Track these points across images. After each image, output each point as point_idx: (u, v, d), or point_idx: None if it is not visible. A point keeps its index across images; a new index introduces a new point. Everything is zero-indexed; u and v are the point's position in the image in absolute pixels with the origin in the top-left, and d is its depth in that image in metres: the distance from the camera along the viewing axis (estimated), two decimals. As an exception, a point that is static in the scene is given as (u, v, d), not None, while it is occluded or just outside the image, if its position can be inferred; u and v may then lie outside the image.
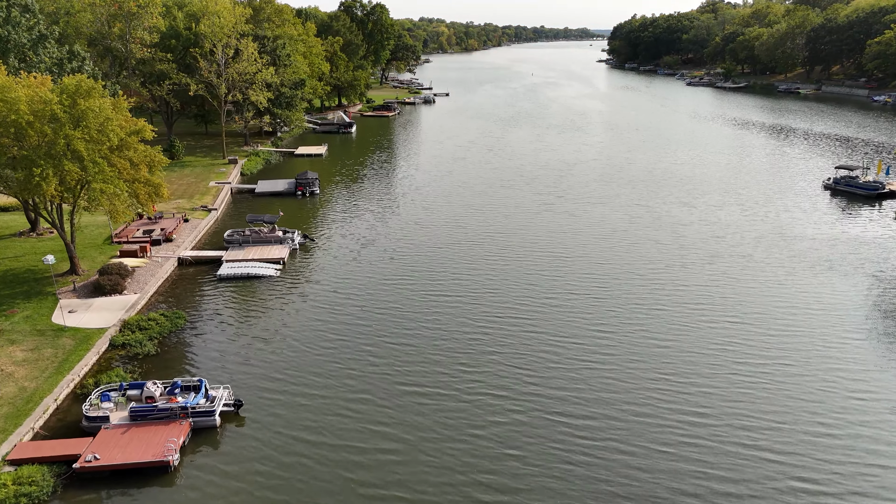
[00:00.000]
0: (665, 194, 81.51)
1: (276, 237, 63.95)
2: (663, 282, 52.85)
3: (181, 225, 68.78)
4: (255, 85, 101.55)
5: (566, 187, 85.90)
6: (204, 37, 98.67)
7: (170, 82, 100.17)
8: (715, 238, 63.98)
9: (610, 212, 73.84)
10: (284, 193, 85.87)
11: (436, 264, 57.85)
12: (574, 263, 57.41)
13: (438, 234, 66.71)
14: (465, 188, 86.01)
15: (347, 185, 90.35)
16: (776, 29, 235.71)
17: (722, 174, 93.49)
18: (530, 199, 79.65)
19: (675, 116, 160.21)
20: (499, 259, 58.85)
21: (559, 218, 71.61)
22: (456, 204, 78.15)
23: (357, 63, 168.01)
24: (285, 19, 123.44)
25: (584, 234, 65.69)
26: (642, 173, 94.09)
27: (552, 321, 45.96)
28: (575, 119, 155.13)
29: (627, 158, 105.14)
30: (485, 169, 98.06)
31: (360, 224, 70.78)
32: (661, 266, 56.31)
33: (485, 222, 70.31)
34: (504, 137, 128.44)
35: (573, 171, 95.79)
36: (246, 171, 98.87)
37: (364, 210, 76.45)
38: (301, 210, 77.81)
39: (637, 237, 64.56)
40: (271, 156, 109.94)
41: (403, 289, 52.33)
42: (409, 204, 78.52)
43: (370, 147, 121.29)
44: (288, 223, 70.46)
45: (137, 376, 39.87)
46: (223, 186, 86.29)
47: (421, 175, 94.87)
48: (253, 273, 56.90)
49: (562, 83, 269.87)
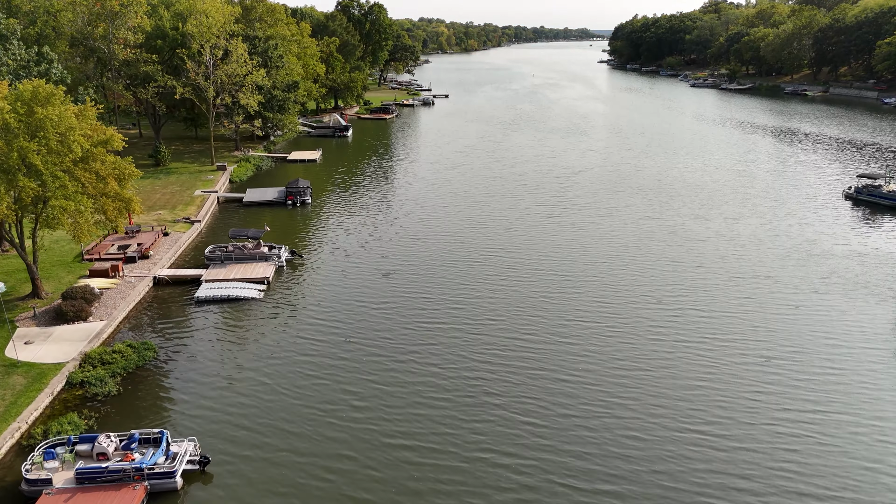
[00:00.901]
0: (678, 205, 76.71)
1: (261, 254, 59.14)
2: (684, 308, 48.02)
3: (160, 239, 63.94)
4: (246, 87, 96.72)
5: (572, 197, 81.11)
6: (191, 37, 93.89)
7: (155, 85, 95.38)
8: (735, 256, 59.17)
9: (620, 225, 69.04)
10: (274, 203, 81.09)
11: (433, 286, 53.03)
12: (584, 286, 52.57)
13: (436, 250, 61.90)
14: (465, 198, 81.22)
15: (341, 193, 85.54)
16: (782, 29, 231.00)
17: (735, 182, 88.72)
18: (534, 211, 74.86)
19: (681, 120, 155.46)
20: (501, 281, 54.03)
21: (566, 232, 66.82)
22: (455, 216, 73.35)
23: (354, 64, 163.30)
24: (278, 19, 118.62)
25: (593, 251, 60.87)
26: (651, 181, 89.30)
27: (563, 357, 41.14)
28: (578, 122, 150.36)
29: (635, 165, 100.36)
30: (485, 177, 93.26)
31: (353, 238, 65.99)
32: (681, 290, 51.45)
33: (486, 237, 65.52)
34: (505, 142, 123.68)
35: (578, 179, 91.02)
36: (235, 178, 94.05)
37: (357, 222, 71.65)
38: (291, 221, 73.03)
39: (651, 255, 59.75)
40: (263, 161, 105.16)
41: (396, 315, 47.52)
42: (405, 215, 73.73)
43: (366, 152, 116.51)
44: (276, 235, 65.68)
45: (93, 423, 35.05)
46: (209, 195, 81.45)
47: (418, 183, 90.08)
48: (234, 295, 52.07)
49: (563, 84, 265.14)
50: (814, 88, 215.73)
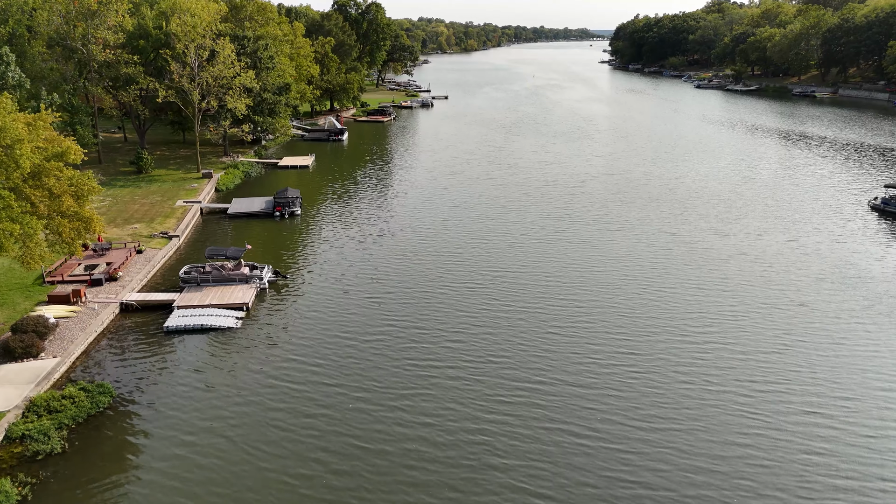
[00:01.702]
0: (694, 218, 71.37)
1: (240, 275, 53.78)
2: (712, 344, 42.65)
3: (132, 258, 58.58)
4: (233, 90, 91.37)
5: (579, 208, 75.78)
6: (175, 37, 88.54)
7: (136, 87, 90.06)
8: (763, 279, 53.79)
9: (633, 241, 63.70)
10: (261, 214, 75.72)
11: (428, 315, 47.68)
12: (597, 315, 47.21)
13: (433, 271, 56.55)
14: (464, 209, 75.86)
15: (333, 203, 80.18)
16: (789, 29, 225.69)
17: (752, 191, 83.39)
18: (539, 224, 69.53)
19: (689, 123, 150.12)
20: (505, 308, 48.67)
21: (575, 249, 61.47)
22: (454, 230, 67.99)
23: (350, 65, 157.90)
24: (269, 18, 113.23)
25: (606, 273, 55.52)
26: (663, 191, 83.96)
27: (577, 408, 35.78)
28: (582, 126, 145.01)
29: (645, 173, 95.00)
30: (486, 185, 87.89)
31: (343, 255, 60.63)
32: (707, 320, 46.08)
33: (487, 255, 60.18)
34: (506, 147, 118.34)
35: (585, 188, 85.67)
36: (222, 186, 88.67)
37: (349, 236, 66.30)
38: (278, 235, 67.69)
39: (670, 277, 54.40)
40: (252, 168, 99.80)
41: (386, 351, 42.18)
42: (400, 230, 68.40)
43: (362, 158, 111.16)
44: (261, 251, 60.34)
45: (28, 492, 29.73)
46: (192, 206, 76.06)
47: (415, 192, 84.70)
48: (207, 325, 46.74)
49: (565, 86, 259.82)
50: (822, 90, 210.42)
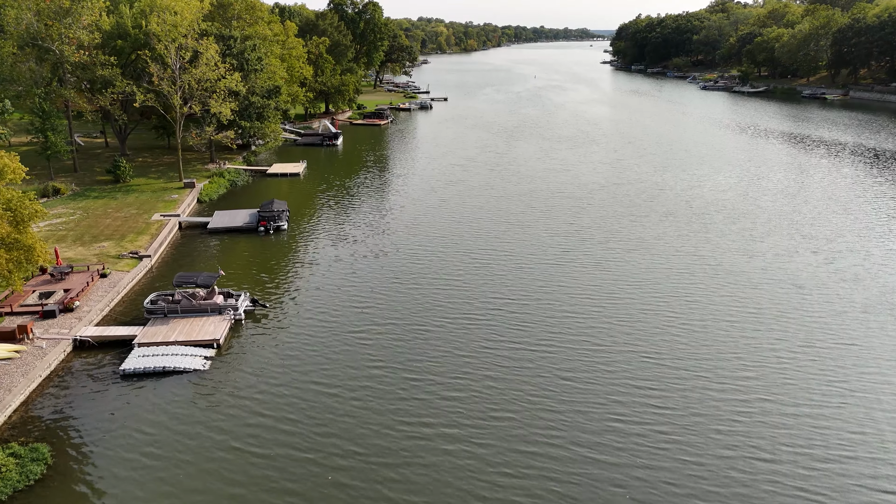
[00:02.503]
0: (716, 236, 65.40)
1: (213, 305, 47.83)
2: (755, 399, 36.58)
3: (95, 283, 52.59)
4: (217, 94, 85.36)
5: (589, 223, 69.83)
6: (155, 37, 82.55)
7: (113, 91, 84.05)
8: (803, 312, 47.72)
9: (651, 263, 57.73)
10: (244, 229, 69.70)
11: (423, 359, 41.72)
12: (619, 358, 41.22)
13: (429, 298, 50.58)
14: (464, 225, 69.89)
15: (323, 217, 74.20)
16: (798, 30, 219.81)
17: (776, 204, 77.41)
18: (546, 243, 63.57)
19: (698, 127, 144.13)
20: (509, 348, 42.70)
21: (586, 274, 55.48)
22: (452, 249, 61.97)
23: (346, 66, 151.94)
24: (258, 17, 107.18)
25: (624, 303, 49.51)
26: (679, 203, 77.98)
27: (599, 489, 29.85)
28: (587, 130, 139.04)
29: (657, 183, 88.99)
30: (487, 197, 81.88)
31: (330, 279, 54.67)
32: (745, 367, 40.01)
33: (489, 281, 54.16)
34: (508, 153, 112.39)
35: (595, 200, 79.70)
36: (204, 196, 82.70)
37: (337, 256, 60.32)
38: (260, 253, 61.70)
39: (698, 309, 48.39)
40: (239, 176, 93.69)
41: (372, 405, 36.22)
42: (395, 249, 62.42)
43: (356, 165, 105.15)
44: (240, 273, 54.40)
45: None
46: (169, 221, 70.03)
47: (411, 205, 78.64)
48: (170, 366, 40.79)
49: (567, 87, 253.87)
50: (833, 92, 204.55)
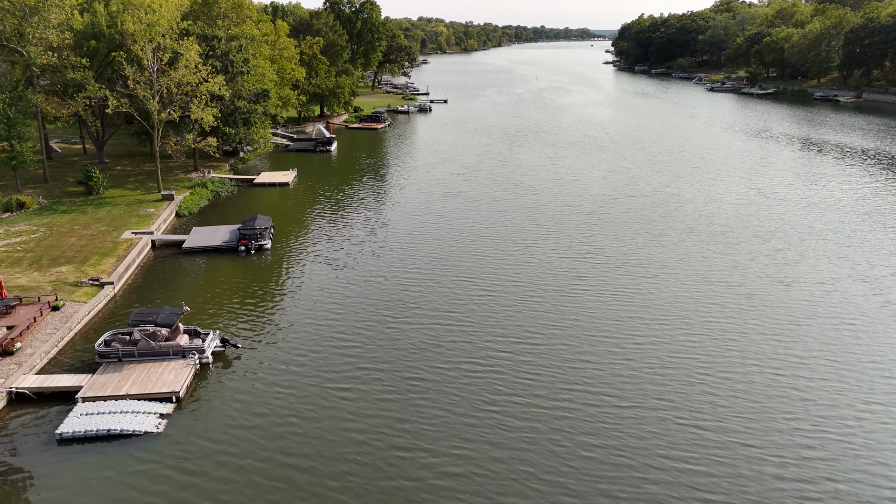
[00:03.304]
0: (745, 259, 58.90)
1: (175, 347, 41.45)
2: (836, 487, 30.26)
3: (44, 317, 46.19)
4: (197, 99, 78.91)
5: (603, 243, 63.39)
6: (130, 37, 76.16)
7: (84, 95, 77.62)
8: (857, 357, 41.20)
9: (676, 293, 51.22)
10: (223, 249, 63.23)
11: (414, 420, 35.33)
12: (648, 418, 34.76)
13: (424, 339, 44.13)
14: (464, 244, 63.41)
15: (310, 235, 67.77)
16: (808, 29, 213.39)
17: (806, 221, 70.89)
18: (556, 267, 57.11)
19: (710, 132, 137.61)
20: (519, 405, 36.26)
21: (603, 305, 49.01)
22: (450, 274, 55.47)
23: (341, 67, 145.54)
24: (246, 16, 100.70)
25: (649, 345, 43.05)
26: (700, 220, 71.52)
27: None
28: (594, 135, 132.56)
29: (674, 195, 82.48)
30: (489, 211, 75.41)
31: (314, 310, 48.21)
32: (807, 436, 33.53)
33: (493, 314, 47.72)
34: (511, 160, 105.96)
35: (607, 215, 73.28)
36: (184, 210, 76.25)
37: (324, 283, 53.87)
38: (238, 278, 55.23)
39: (735, 353, 41.91)
40: (223, 186, 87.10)
41: (353, 489, 29.81)
42: (389, 274, 55.98)
43: (350, 173, 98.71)
44: (211, 306, 47.92)
45: None
46: (141, 239, 63.59)
47: (406, 221, 72.14)
48: (117, 429, 34.39)
49: (570, 88, 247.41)
50: (845, 94, 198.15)
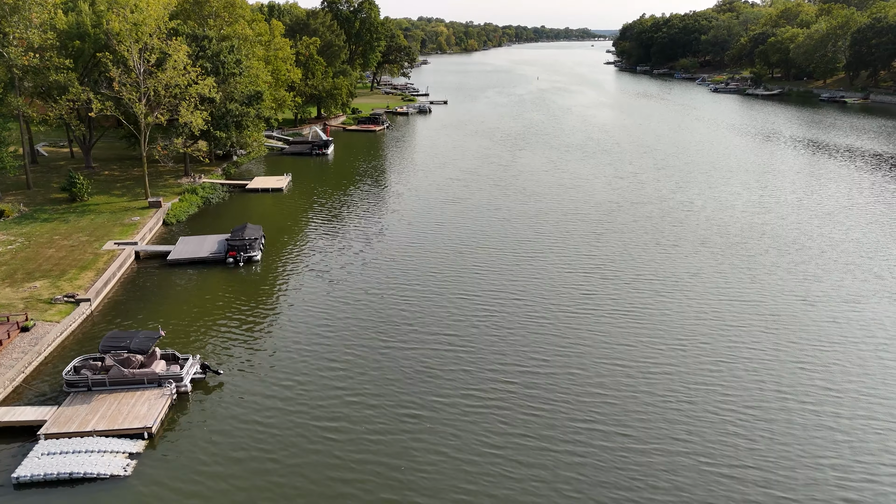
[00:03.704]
0: (764, 273, 55.41)
1: (150, 374, 38.04)
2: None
3: (12, 340, 42.74)
4: (186, 101, 75.46)
5: (611, 254, 59.94)
6: (116, 37, 72.78)
7: (67, 98, 74.21)
8: (892, 384, 38.02)
9: (693, 312, 47.72)
10: (210, 260, 59.83)
11: (410, 461, 31.88)
12: (674, 465, 31.32)
13: (419, 364, 40.71)
14: (464, 256, 59.96)
15: (302, 245, 64.35)
16: (814, 30, 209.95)
17: (825, 231, 67.42)
18: (562, 283, 53.63)
19: (717, 134, 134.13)
20: (524, 449, 32.81)
21: (615, 328, 45.50)
22: (449, 290, 51.97)
23: (339, 68, 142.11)
24: (239, 15, 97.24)
25: (666, 374, 39.55)
26: (713, 229, 68.07)
27: None
28: (598, 137, 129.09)
29: (683, 202, 79.01)
30: (490, 220, 71.93)
31: (303, 332, 44.76)
32: (854, 484, 30.23)
33: (495, 337, 44.26)
34: (514, 164, 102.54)
35: (614, 224, 69.83)
36: (171, 218, 72.83)
37: (315, 299, 50.40)
38: (224, 293, 51.76)
39: (764, 383, 38.41)
40: (214, 192, 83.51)
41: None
42: (380, 289, 52.49)
43: (346, 177, 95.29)
44: (193, 324, 44.38)
45: None
46: (123, 251, 60.14)
47: (403, 230, 68.69)
48: (79, 472, 30.96)
49: (572, 89, 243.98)
50: (852, 95, 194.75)
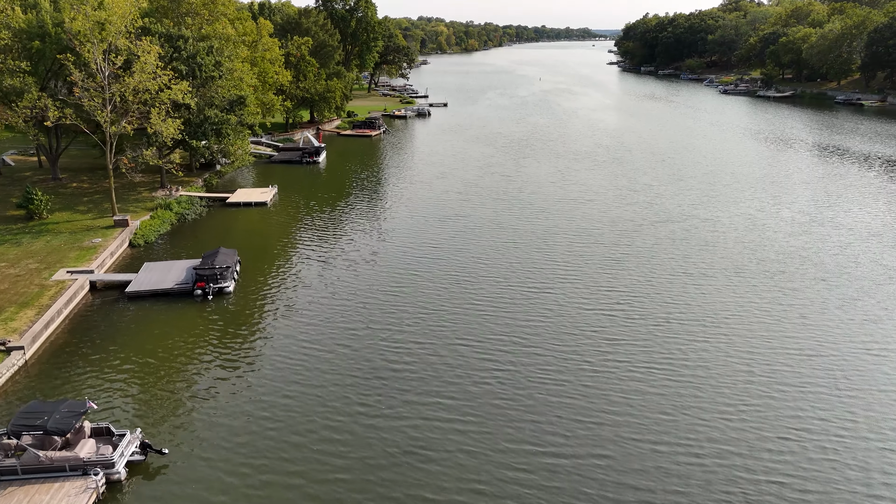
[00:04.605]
0: (814, 311, 47.66)
1: (73, 460, 30.45)
2: None
3: (-84, 406, 35.13)
4: (156, 109, 67.82)
5: (635, 288, 52.17)
6: (77, 37, 65.18)
7: (24, 105, 66.59)
8: None
9: (742, 366, 39.96)
10: (175, 293, 52.12)
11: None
12: None
13: (406, 438, 33.06)
14: (463, 289, 52.21)
15: (282, 273, 56.64)
16: (829, 29, 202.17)
17: (874, 255, 59.59)
18: (582, 324, 45.93)
19: (734, 140, 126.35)
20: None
21: (644, 388, 37.76)
22: (445, 336, 44.21)
23: (333, 69, 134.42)
24: (221, 13, 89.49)
25: (711, 451, 31.87)
26: (746, 253, 60.34)
27: None
28: (607, 144, 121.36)
29: (709, 221, 71.20)
30: (494, 242, 64.19)
31: (271, 395, 37.09)
32: None
33: (497, 400, 36.56)
34: (518, 174, 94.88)
35: (634, 248, 62.13)
36: (139, 239, 65.13)
37: (288, 350, 42.70)
38: (185, 338, 44.02)
39: (843, 474, 30.93)
40: (191, 207, 75.79)
41: None
42: (364, 334, 44.81)
43: (337, 190, 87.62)
44: (141, 382, 36.52)
45: None
46: (75, 281, 52.47)
47: (395, 255, 60.99)
48: None
49: (576, 90, 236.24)
50: (869, 97, 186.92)
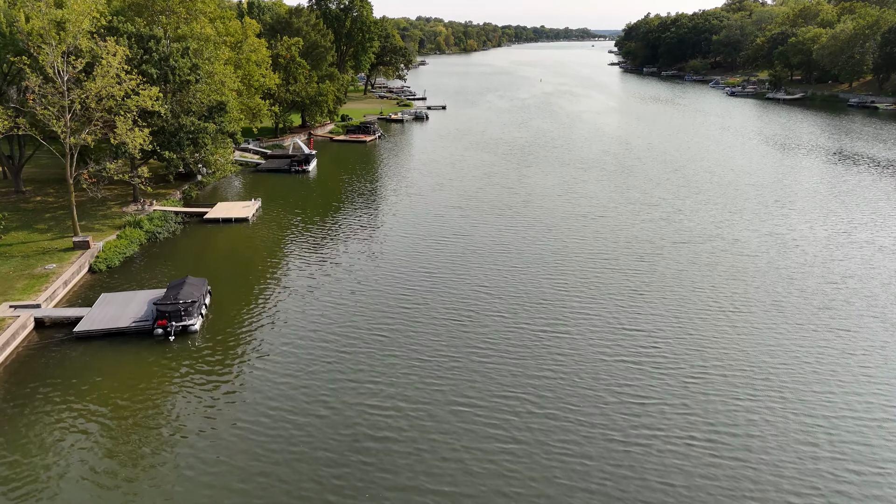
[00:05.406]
0: (876, 360, 40.66)
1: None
2: None
3: None
4: (121, 117, 60.89)
5: (663, 329, 45.20)
6: (30, 37, 58.32)
7: (-29, 114, 59.76)
8: None
9: (801, 436, 32.99)
10: (131, 331, 45.15)
11: None
12: None
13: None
14: (462, 326, 45.26)
15: (258, 305, 49.61)
16: (840, 30, 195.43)
17: (921, 284, 53.07)
18: (600, 374, 38.94)
19: (749, 147, 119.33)
20: None
21: (687, 462, 30.91)
22: (443, 392, 37.28)
23: (325, 72, 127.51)
24: (199, 11, 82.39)
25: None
26: (785, 284, 53.27)
27: None
28: (615, 151, 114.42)
29: (736, 242, 64.10)
30: (497, 267, 57.17)
31: (240, 473, 30.18)
32: None
33: (510, 476, 29.72)
34: (521, 185, 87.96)
35: (656, 275, 55.12)
36: (101, 263, 58.09)
37: (258, 409, 35.71)
38: (140, 390, 37.02)
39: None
40: (164, 225, 68.82)
41: None
42: (348, 388, 37.84)
43: (326, 203, 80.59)
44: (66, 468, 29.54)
45: None
46: (17, 318, 45.52)
47: (387, 282, 54.00)
48: None
49: (578, 92, 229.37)
50: (883, 100, 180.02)
